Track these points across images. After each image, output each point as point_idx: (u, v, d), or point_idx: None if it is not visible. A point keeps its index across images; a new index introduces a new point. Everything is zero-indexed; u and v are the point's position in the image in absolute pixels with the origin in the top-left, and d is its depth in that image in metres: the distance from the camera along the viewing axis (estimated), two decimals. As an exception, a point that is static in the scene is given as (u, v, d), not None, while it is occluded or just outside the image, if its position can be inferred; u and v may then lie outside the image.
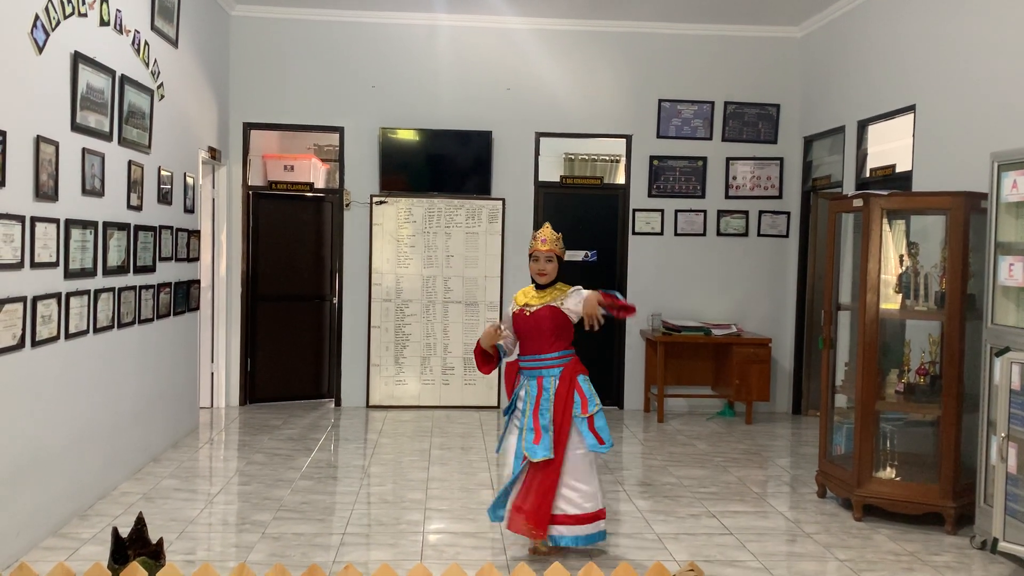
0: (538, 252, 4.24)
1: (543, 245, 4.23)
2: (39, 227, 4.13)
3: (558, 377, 4.15)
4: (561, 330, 4.19)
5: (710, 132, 8.07)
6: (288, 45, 7.75)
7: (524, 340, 4.24)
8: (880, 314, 4.87)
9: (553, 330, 4.17)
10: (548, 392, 4.13)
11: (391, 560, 4.09)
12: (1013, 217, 4.37)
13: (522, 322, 4.21)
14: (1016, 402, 4.10)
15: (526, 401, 4.16)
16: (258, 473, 5.61)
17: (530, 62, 7.90)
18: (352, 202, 7.85)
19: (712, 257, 8.11)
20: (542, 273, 4.22)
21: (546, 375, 4.17)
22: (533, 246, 4.27)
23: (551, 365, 4.18)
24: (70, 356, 4.52)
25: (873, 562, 4.23)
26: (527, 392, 4.18)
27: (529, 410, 4.12)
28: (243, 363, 7.81)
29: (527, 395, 4.17)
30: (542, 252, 4.23)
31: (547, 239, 4.24)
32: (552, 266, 4.23)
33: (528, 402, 4.15)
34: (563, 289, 4.24)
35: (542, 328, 4.16)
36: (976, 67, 5.39)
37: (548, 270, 4.22)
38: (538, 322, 4.16)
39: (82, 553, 4.11)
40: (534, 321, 4.17)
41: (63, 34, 4.36)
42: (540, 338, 4.17)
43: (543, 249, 4.23)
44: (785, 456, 6.49)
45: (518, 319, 4.23)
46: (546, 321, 4.16)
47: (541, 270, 4.23)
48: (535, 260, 4.24)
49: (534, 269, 4.25)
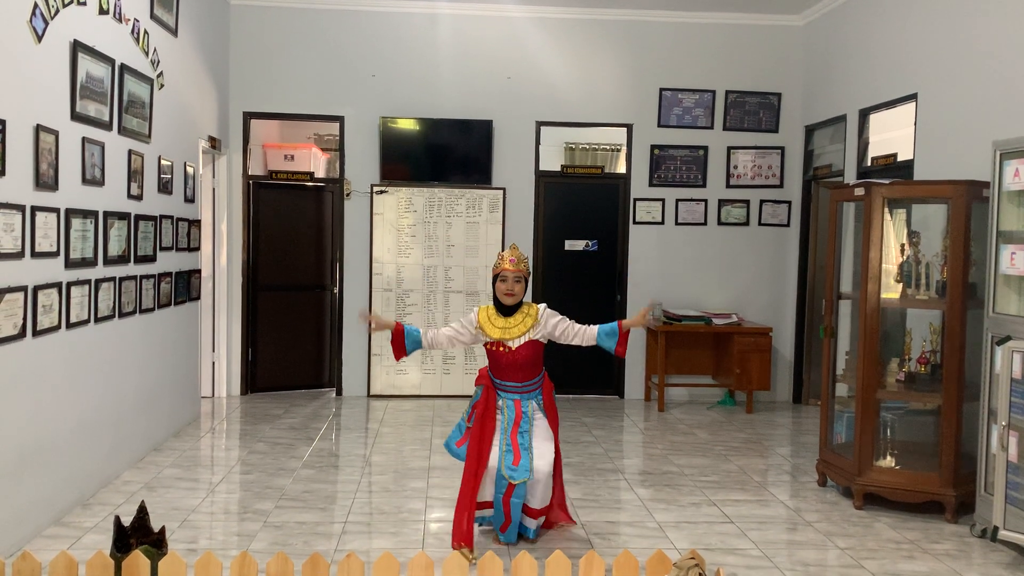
0: (506, 272, 4.13)
1: (511, 265, 4.14)
2: (39, 216, 4.13)
3: (537, 400, 4.22)
4: (539, 359, 4.21)
5: (711, 121, 8.05)
6: (288, 34, 7.72)
7: (502, 370, 4.18)
8: (881, 303, 4.87)
9: (536, 360, 4.20)
10: (527, 415, 4.16)
11: (393, 548, 4.10)
12: (1015, 205, 4.36)
13: (502, 358, 4.15)
14: (1017, 391, 4.10)
15: (502, 420, 4.16)
16: (260, 462, 5.62)
17: (531, 51, 7.87)
18: (352, 191, 7.83)
19: (713, 246, 8.11)
20: (510, 294, 4.13)
21: (524, 399, 4.19)
22: (500, 266, 4.16)
23: (531, 390, 4.21)
24: (71, 346, 4.52)
25: (873, 550, 4.24)
26: (503, 412, 4.17)
27: (508, 429, 4.13)
28: (244, 352, 7.82)
29: (503, 415, 4.17)
30: (511, 272, 4.13)
31: (515, 259, 4.15)
32: (520, 287, 4.15)
33: (506, 421, 4.15)
34: (533, 314, 4.16)
35: (524, 362, 4.15)
36: (978, 55, 5.37)
37: (516, 291, 4.14)
38: (522, 358, 4.14)
39: (84, 542, 4.12)
40: (516, 357, 4.14)
41: (62, 22, 4.34)
42: (522, 370, 4.17)
43: (512, 269, 4.13)
44: (786, 445, 6.50)
45: (498, 355, 4.16)
46: (528, 357, 4.15)
47: (509, 290, 4.13)
48: (503, 280, 4.13)
49: (502, 289, 4.14)
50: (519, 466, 4.06)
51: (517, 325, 4.15)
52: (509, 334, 4.14)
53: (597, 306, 8.05)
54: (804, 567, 4.00)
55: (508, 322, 4.15)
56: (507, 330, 4.14)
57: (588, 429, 6.77)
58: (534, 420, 4.19)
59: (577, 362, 7.69)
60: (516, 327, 4.14)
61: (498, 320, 4.18)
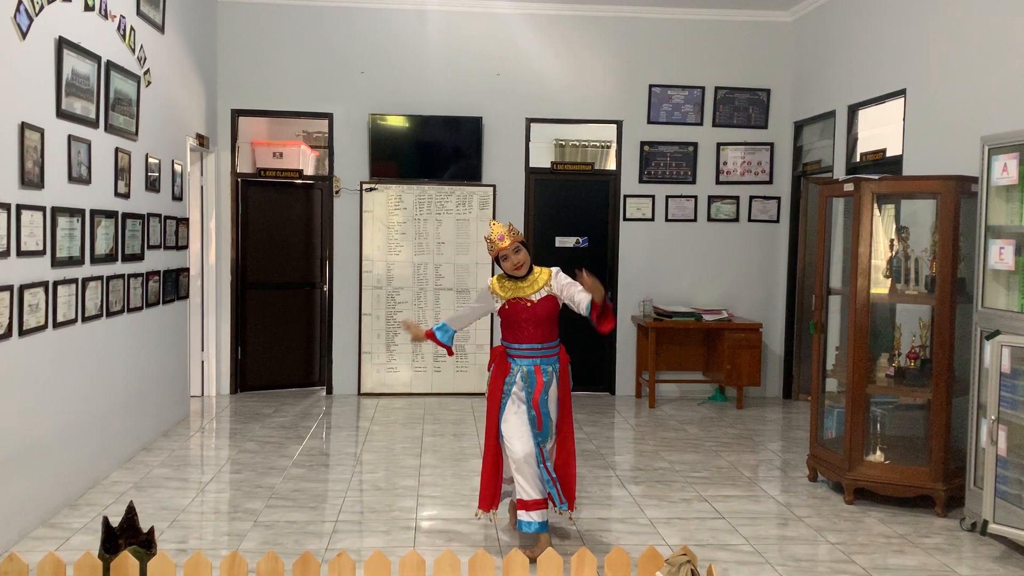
0: (504, 250, 4.08)
1: (504, 241, 4.08)
2: (25, 215, 4.09)
3: (555, 367, 4.15)
4: (554, 319, 4.17)
5: (701, 117, 8.06)
6: (276, 31, 7.68)
7: (519, 329, 4.13)
8: (871, 298, 4.88)
9: (554, 319, 4.15)
10: (548, 381, 4.11)
11: (384, 547, 4.08)
12: (1003, 200, 4.37)
13: (524, 312, 4.09)
14: (1006, 385, 4.12)
15: (523, 388, 4.11)
16: (250, 461, 5.60)
17: (520, 47, 7.86)
18: (342, 189, 7.81)
19: (703, 243, 8.12)
20: (519, 265, 4.09)
21: (543, 364, 4.13)
22: (497, 247, 4.09)
23: (550, 354, 4.16)
24: (59, 345, 4.49)
25: (864, 544, 4.25)
26: (523, 378, 4.11)
27: (528, 397, 4.10)
28: (234, 351, 7.78)
29: (524, 381, 4.11)
30: (508, 247, 4.08)
31: (503, 234, 4.09)
32: (523, 255, 4.10)
33: (526, 389, 4.11)
34: (546, 274, 4.15)
35: (544, 318, 4.11)
36: (966, 51, 5.38)
37: (522, 260, 4.10)
38: (542, 312, 4.10)
39: (73, 543, 4.09)
40: (537, 311, 4.09)
41: (47, 19, 4.30)
42: (540, 327, 4.11)
43: (507, 244, 4.08)
44: (776, 440, 6.51)
45: (518, 310, 4.10)
46: (549, 311, 4.11)
47: (517, 263, 4.09)
48: (505, 259, 4.09)
49: (509, 266, 4.09)
50: (543, 431, 4.07)
51: (531, 284, 4.12)
52: (524, 292, 4.11)
53: (587, 303, 8.03)
54: (795, 562, 4.01)
55: (520, 283, 4.13)
56: (522, 289, 4.12)
57: (579, 426, 6.77)
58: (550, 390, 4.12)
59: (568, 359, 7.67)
60: (530, 286, 4.12)
61: (510, 284, 4.15)
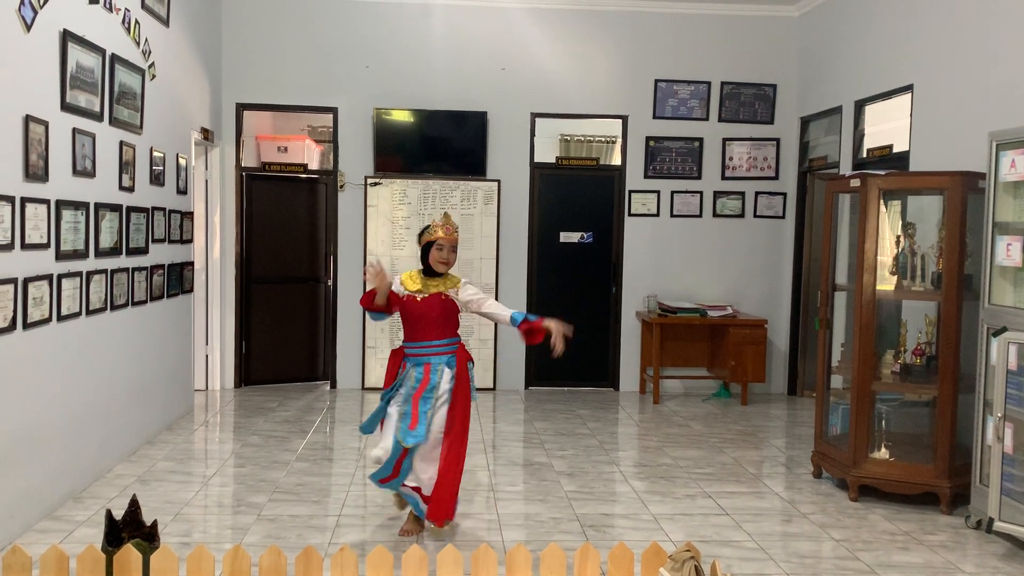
0: (442, 241, 4.16)
1: (446, 233, 4.17)
2: (29, 208, 4.09)
3: (448, 365, 4.14)
4: (450, 317, 4.19)
5: (706, 113, 8.03)
6: (281, 24, 7.67)
7: (412, 326, 4.19)
8: (877, 295, 4.86)
9: (443, 317, 4.17)
10: (435, 379, 4.10)
11: (386, 542, 4.08)
12: (1011, 196, 4.35)
13: (413, 307, 4.16)
14: (1012, 382, 4.10)
15: (408, 386, 4.13)
16: (253, 455, 5.60)
17: (525, 42, 7.83)
18: (346, 183, 7.80)
19: (708, 238, 8.09)
20: (446, 263, 4.18)
21: (434, 362, 4.14)
22: (437, 234, 4.17)
23: (439, 352, 4.16)
24: (63, 338, 4.49)
25: (868, 542, 4.24)
26: (411, 377, 4.14)
27: (410, 395, 4.10)
28: (238, 345, 7.78)
29: (410, 380, 4.13)
30: (446, 241, 4.16)
31: (451, 227, 4.19)
32: (454, 256, 4.22)
33: (411, 387, 4.11)
34: (455, 281, 4.22)
35: (432, 315, 4.14)
36: (974, 46, 5.35)
37: (452, 260, 4.19)
38: (429, 309, 4.14)
39: (76, 535, 4.09)
40: (424, 308, 4.14)
41: (51, 12, 4.29)
42: (429, 325, 4.15)
43: (446, 238, 4.16)
44: (781, 437, 6.50)
45: (409, 304, 4.18)
46: (437, 308, 4.15)
47: (446, 259, 4.17)
48: (439, 248, 4.16)
49: (437, 257, 4.16)
50: (415, 430, 4.02)
51: (438, 285, 4.18)
52: (426, 289, 4.17)
53: (592, 299, 8.03)
54: (799, 559, 4.00)
55: (431, 281, 4.20)
56: (428, 287, 4.18)
57: (583, 421, 6.76)
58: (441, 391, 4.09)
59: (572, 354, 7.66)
60: (437, 286, 4.18)
61: (417, 278, 4.22)
